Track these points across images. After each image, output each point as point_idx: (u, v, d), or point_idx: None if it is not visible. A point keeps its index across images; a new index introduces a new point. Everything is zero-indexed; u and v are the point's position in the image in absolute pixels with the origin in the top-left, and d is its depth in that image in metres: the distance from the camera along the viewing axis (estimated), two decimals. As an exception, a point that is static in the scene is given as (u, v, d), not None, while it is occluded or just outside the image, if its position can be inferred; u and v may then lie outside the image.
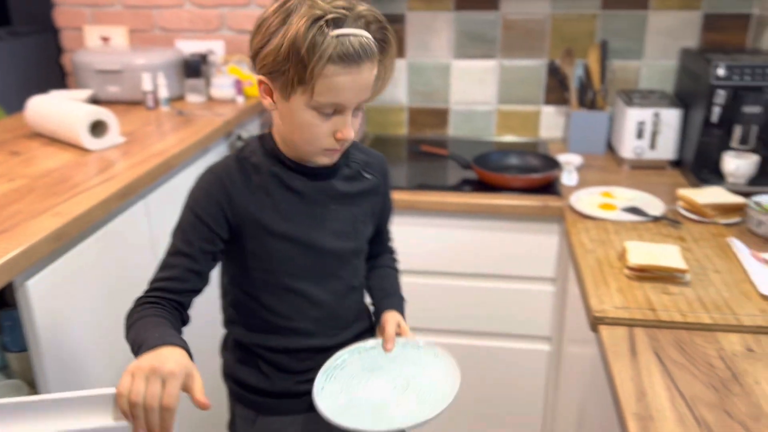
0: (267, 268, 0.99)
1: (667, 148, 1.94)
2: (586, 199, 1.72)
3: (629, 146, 1.95)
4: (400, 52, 2.23)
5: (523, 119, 2.26)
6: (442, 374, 1.02)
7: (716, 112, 1.75)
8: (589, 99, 2.10)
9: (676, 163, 1.97)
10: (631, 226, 1.55)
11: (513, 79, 2.21)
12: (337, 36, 0.84)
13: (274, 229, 0.97)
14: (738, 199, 1.57)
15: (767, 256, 1.38)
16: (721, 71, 1.70)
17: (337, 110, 0.90)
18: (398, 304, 1.13)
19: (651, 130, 1.92)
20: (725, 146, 1.78)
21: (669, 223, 1.56)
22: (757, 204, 1.52)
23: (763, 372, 1.02)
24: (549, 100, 2.22)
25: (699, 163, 1.85)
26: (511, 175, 1.81)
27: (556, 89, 2.18)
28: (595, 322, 1.17)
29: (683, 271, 1.28)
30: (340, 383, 1.00)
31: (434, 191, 1.79)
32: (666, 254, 1.33)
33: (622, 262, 1.35)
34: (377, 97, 0.97)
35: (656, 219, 1.58)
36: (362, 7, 0.88)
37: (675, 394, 0.97)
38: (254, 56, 0.89)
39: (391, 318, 1.08)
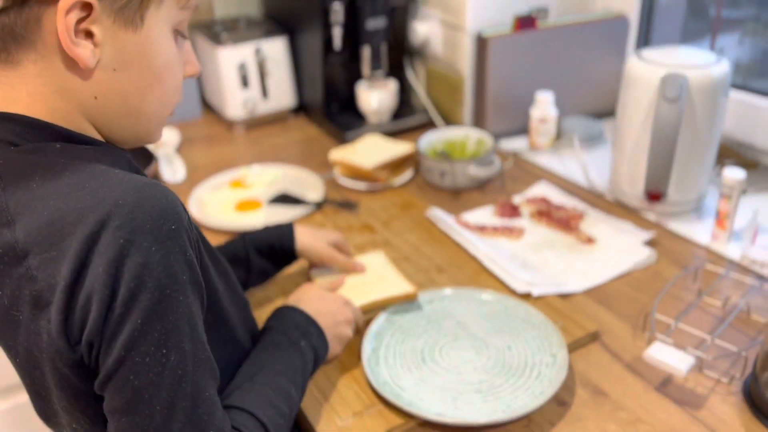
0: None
1: (283, 93, 1.45)
2: (214, 202, 1.13)
3: (236, 100, 1.40)
4: None
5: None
6: None
7: (337, 35, 1.31)
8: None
9: (301, 110, 1.50)
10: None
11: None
12: None
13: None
14: (406, 149, 1.19)
15: (471, 219, 1.04)
16: (329, -22, 1.24)
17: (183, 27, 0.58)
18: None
19: (257, 72, 1.40)
20: (356, 76, 1.37)
21: (340, 207, 1.10)
22: (435, 153, 1.15)
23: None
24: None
25: (329, 105, 1.42)
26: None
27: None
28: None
29: (412, 297, 0.83)
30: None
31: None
32: (378, 273, 0.86)
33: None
34: None
35: (320, 205, 1.10)
36: None
37: None
38: None
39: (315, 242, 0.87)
